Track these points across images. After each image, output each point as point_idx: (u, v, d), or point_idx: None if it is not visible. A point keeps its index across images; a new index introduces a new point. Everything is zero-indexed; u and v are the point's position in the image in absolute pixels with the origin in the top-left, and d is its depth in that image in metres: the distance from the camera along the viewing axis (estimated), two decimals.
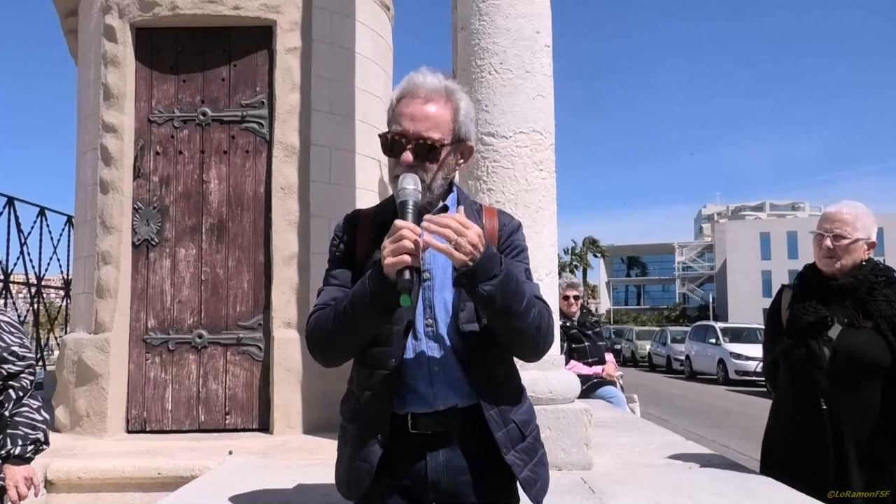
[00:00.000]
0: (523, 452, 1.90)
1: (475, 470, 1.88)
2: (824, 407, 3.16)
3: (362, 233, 1.98)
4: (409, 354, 1.87)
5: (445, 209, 1.97)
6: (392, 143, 1.89)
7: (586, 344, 6.91)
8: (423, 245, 1.69)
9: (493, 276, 1.74)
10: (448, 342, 1.88)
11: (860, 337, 3.13)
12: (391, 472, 1.86)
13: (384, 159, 2.06)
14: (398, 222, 1.70)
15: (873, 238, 3.28)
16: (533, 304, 1.86)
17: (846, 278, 3.22)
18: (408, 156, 1.86)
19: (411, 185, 1.80)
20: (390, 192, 2.02)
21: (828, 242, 3.24)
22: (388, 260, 1.67)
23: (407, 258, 1.65)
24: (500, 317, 1.80)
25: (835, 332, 3.18)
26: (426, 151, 1.88)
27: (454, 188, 2.03)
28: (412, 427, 1.86)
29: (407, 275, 1.66)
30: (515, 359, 2.02)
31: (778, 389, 3.49)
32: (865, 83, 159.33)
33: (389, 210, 1.97)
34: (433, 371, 1.87)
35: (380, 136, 1.95)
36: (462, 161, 2.01)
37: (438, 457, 1.87)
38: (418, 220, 1.75)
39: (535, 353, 1.95)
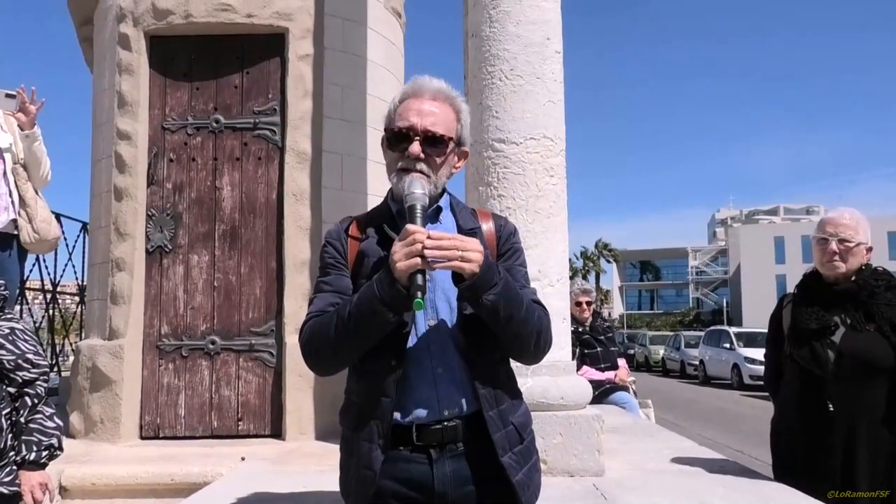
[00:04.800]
0: (519, 455, 1.90)
1: (480, 478, 1.87)
2: (831, 409, 3.19)
3: (355, 239, 1.99)
4: (411, 355, 1.86)
5: (439, 210, 1.99)
6: (399, 137, 1.92)
7: (599, 349, 6.89)
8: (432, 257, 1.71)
9: (494, 284, 1.77)
10: (451, 341, 1.88)
11: (864, 339, 3.21)
12: (396, 481, 1.86)
13: None
14: (409, 227, 1.72)
15: (870, 243, 3.37)
16: (532, 308, 1.89)
17: (848, 283, 3.28)
18: (416, 147, 1.88)
19: (419, 189, 1.83)
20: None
21: (833, 246, 3.31)
22: (402, 264, 1.69)
23: (419, 261, 1.67)
24: (504, 323, 1.82)
25: (838, 335, 3.26)
26: (433, 145, 1.90)
27: (445, 191, 2.05)
28: (417, 439, 1.86)
29: (419, 278, 1.68)
30: (522, 366, 2.03)
31: (782, 395, 3.52)
32: (881, 87, 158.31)
33: (385, 214, 1.99)
34: (436, 373, 1.87)
35: (385, 131, 1.97)
36: (459, 165, 2.04)
37: (444, 467, 1.86)
38: (425, 223, 1.78)
39: (535, 357, 1.98)
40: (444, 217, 2.00)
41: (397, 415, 1.85)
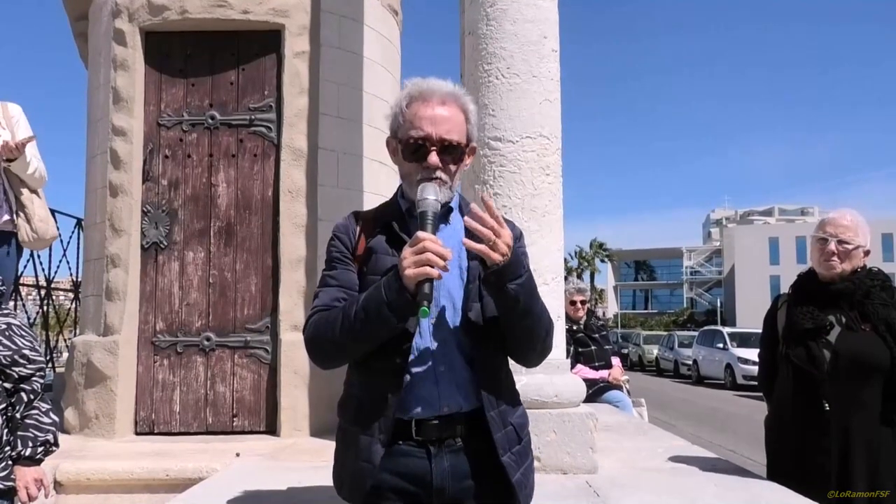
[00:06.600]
0: (518, 455, 1.92)
1: (478, 474, 1.89)
2: (827, 408, 3.21)
3: (362, 235, 1.98)
4: (414, 354, 1.87)
5: (450, 210, 1.99)
6: (415, 148, 1.90)
7: (593, 348, 6.91)
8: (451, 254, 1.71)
9: (519, 275, 1.79)
10: (454, 341, 1.89)
11: (860, 339, 3.22)
12: (395, 475, 1.87)
13: (392, 163, 2.07)
14: (420, 234, 1.72)
15: (868, 246, 3.39)
16: (544, 308, 1.92)
17: (844, 283, 3.29)
18: (434, 158, 1.88)
19: (432, 195, 1.81)
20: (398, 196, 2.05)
21: (832, 246, 3.32)
22: (410, 271, 1.68)
23: (429, 269, 1.67)
24: (520, 317, 1.84)
25: (833, 335, 3.27)
26: (450, 153, 1.90)
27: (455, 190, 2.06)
28: (416, 434, 1.87)
29: (427, 287, 1.67)
30: (517, 364, 2.04)
31: (776, 395, 3.52)
32: (876, 89, 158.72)
33: (393, 212, 1.99)
34: (438, 371, 1.88)
35: (399, 140, 1.95)
36: (468, 162, 2.05)
37: (443, 462, 1.88)
38: (436, 230, 1.78)
39: (539, 357, 2.00)
40: (454, 217, 2.00)
41: (398, 411, 1.86)
